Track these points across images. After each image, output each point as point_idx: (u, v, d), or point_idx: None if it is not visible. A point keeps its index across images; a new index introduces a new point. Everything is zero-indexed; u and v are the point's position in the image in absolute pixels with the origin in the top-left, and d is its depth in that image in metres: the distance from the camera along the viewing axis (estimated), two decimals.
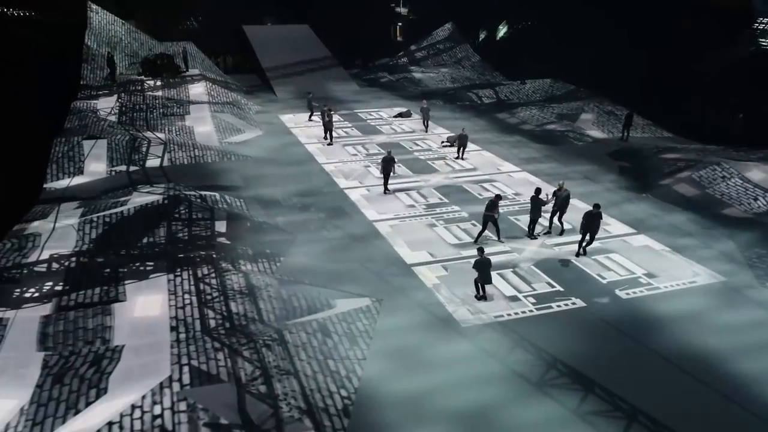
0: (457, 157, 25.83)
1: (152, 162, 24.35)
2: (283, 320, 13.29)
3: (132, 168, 23.64)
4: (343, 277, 15.62)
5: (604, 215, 19.74)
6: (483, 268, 14.38)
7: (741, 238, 18.06)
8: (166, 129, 28.59)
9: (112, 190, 20.98)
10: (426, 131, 30.28)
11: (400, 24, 58.65)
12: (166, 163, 24.48)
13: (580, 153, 27.22)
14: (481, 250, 14.62)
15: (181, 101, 32.92)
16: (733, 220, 19.50)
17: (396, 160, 22.36)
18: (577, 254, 16.89)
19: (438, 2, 53.16)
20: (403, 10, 55.66)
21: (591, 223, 16.53)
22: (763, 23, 34.02)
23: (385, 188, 21.73)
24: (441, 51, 50.25)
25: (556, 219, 18.42)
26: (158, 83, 35.74)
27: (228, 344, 12.00)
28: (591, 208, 16.75)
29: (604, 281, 15.63)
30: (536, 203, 17.78)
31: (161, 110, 31.11)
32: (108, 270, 14.60)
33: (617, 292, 15.07)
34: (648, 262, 16.63)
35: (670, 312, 14.17)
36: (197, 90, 35.20)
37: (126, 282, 14.09)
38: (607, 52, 36.30)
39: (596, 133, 30.32)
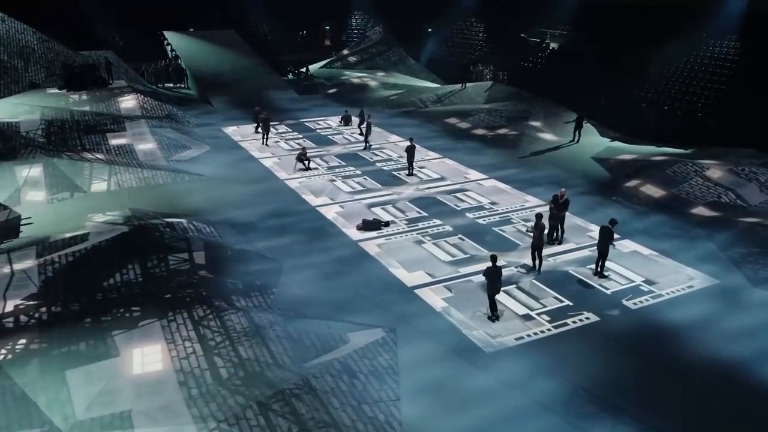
0: (409, 173, 24.54)
1: (98, 186, 22.26)
2: (301, 363, 12.24)
3: (77, 195, 21.50)
4: (346, 307, 14.71)
5: (585, 221, 20.04)
6: (495, 278, 14.00)
7: (719, 238, 18.62)
8: (104, 149, 26.35)
9: (60, 223, 18.91)
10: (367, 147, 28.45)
11: (327, 27, 57.76)
12: (113, 187, 22.44)
13: (538, 157, 27.45)
14: (494, 258, 14.18)
15: (114, 117, 30.52)
16: (704, 219, 20.12)
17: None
18: (595, 273, 16.40)
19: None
20: None
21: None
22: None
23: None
24: (374, 55, 49.74)
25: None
26: (83, 97, 33.00)
27: (252, 397, 10.85)
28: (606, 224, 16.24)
29: (608, 291, 15.58)
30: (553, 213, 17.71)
31: (93, 128, 28.66)
32: (89, 320, 12.93)
33: (624, 302, 15.04)
34: (643, 269, 16.77)
35: (681, 320, 14.27)
36: (128, 103, 32.83)
37: (114, 333, 12.51)
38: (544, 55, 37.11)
39: (548, 136, 30.75)
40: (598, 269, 16.27)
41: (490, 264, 14.07)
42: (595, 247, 16.44)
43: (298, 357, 12.42)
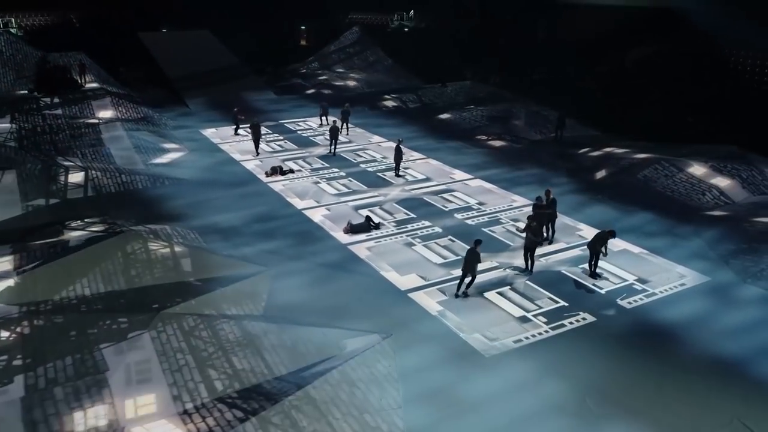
0: (396, 175, 24.24)
1: (75, 193, 21.55)
2: (298, 372, 11.89)
3: (52, 201, 20.76)
4: (340, 312, 14.38)
5: (573, 220, 20.01)
6: (473, 261, 14.59)
7: (706, 235, 18.73)
8: (79, 153, 25.58)
9: (37, 231, 18.22)
10: (346, 133, 30.29)
11: (303, 27, 57.24)
12: (91, 192, 21.74)
13: (522, 156, 27.41)
14: (477, 242, 14.79)
15: (89, 120, 29.69)
16: (689, 216, 20.23)
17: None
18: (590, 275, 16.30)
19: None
20: None
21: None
22: None
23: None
24: (351, 55, 49.37)
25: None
26: (56, 100, 32.07)
27: (251, 411, 10.47)
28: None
29: (603, 291, 15.52)
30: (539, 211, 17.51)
31: (67, 131, 27.85)
32: (74, 333, 12.41)
33: (619, 302, 14.99)
34: (634, 267, 16.76)
35: (676, 318, 14.26)
36: (103, 106, 31.97)
37: (102, 346, 12.01)
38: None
39: (530, 135, 30.78)
40: (592, 269, 16.20)
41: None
42: (585, 246, 16.42)
43: (295, 366, 12.06)
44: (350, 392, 11.40)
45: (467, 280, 15.01)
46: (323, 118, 32.33)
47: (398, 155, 23.90)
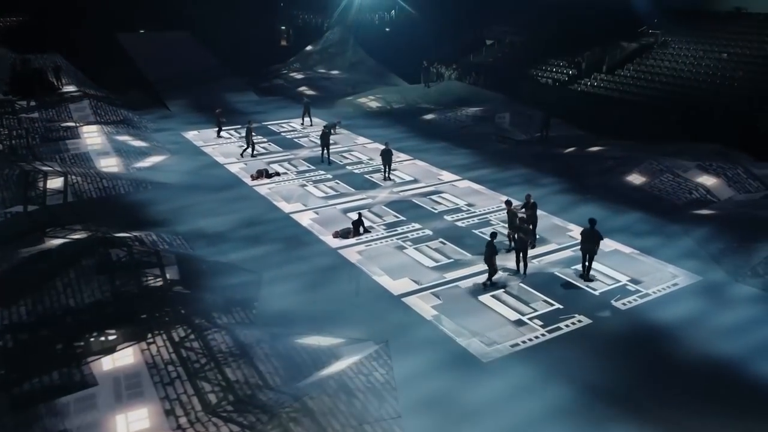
0: (386, 178, 23.89)
1: (54, 199, 20.96)
2: (293, 382, 11.59)
3: (31, 207, 20.17)
4: (333, 319, 14.11)
5: (563, 220, 19.95)
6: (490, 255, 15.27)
7: (695, 234, 18.75)
8: (58, 158, 24.95)
9: (16, 239, 17.67)
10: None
11: (283, 27, 56.73)
12: (71, 198, 21.17)
13: (509, 156, 27.32)
14: (492, 235, 15.54)
15: (67, 124, 28.99)
16: (678, 215, 20.25)
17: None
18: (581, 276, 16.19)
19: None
20: None
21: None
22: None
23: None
24: (333, 55, 48.98)
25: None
26: (32, 103, 31.29)
27: (248, 425, 10.16)
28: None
29: (596, 292, 15.43)
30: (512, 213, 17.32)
31: (45, 135, 27.17)
32: (60, 347, 11.97)
33: (614, 303, 14.91)
34: (626, 268, 16.71)
35: (671, 319, 14.20)
36: (81, 109, 31.26)
37: (89, 359, 11.60)
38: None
39: (516, 135, 30.73)
40: (585, 272, 16.09)
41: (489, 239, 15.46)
42: (578, 248, 16.37)
43: (290, 376, 11.76)
44: (348, 402, 11.13)
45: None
46: (305, 117, 32.60)
47: (387, 158, 23.58)
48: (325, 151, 25.92)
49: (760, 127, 25.44)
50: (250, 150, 26.55)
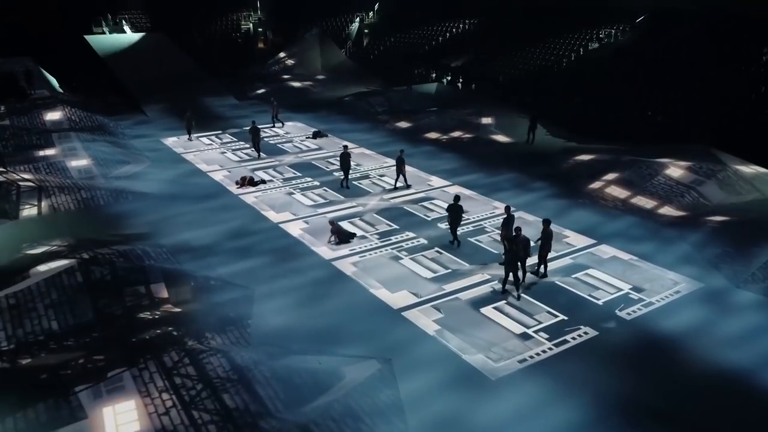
0: (399, 186, 23.15)
1: (29, 212, 19.99)
2: (297, 407, 10.98)
3: (4, 223, 19.16)
4: (332, 336, 13.54)
5: (558, 226, 19.61)
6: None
7: (691, 238, 18.57)
8: (31, 167, 23.89)
9: None
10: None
11: (260, 29, 55.85)
12: (46, 211, 20.22)
13: (497, 160, 26.96)
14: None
15: (39, 131, 27.87)
16: (672, 219, 20.11)
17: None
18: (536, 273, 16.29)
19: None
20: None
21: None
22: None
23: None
24: (313, 57, 48.20)
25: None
26: (1, 109, 30.05)
27: None
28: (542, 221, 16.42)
29: (600, 302, 15.09)
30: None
31: (16, 143, 26.05)
32: (45, 375, 11.18)
33: (618, 313, 14.58)
34: (626, 275, 16.42)
35: (677, 328, 13.91)
36: (54, 116, 30.15)
37: (77, 389, 10.83)
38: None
39: (502, 138, 30.46)
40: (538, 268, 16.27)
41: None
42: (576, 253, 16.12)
43: (293, 401, 11.14)
44: (355, 427, 10.58)
45: (511, 278, 15.21)
46: (275, 118, 32.51)
47: (400, 166, 22.83)
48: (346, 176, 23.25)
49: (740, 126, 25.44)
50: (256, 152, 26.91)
